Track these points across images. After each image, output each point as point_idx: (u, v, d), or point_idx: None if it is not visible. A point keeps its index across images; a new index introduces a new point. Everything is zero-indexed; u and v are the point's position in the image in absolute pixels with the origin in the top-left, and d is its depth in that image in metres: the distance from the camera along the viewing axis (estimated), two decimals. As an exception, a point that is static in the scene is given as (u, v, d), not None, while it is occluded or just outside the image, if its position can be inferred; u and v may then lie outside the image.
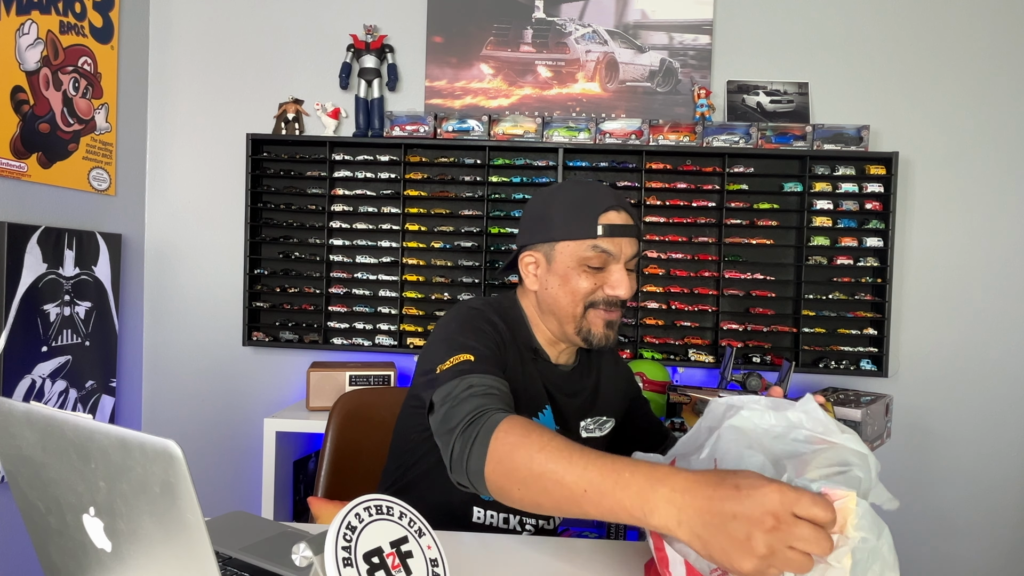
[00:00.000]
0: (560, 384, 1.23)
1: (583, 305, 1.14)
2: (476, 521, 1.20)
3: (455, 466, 0.91)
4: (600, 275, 1.14)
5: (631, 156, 2.49)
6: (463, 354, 1.05)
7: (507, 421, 0.88)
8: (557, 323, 1.18)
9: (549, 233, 1.16)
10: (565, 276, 1.14)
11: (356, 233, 2.54)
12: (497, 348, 1.11)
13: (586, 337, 1.16)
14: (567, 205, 1.15)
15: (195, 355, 2.62)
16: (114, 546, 0.63)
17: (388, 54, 2.53)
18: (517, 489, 0.83)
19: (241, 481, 2.60)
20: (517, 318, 1.22)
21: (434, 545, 0.67)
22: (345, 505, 0.64)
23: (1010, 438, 2.47)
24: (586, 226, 1.12)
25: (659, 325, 2.50)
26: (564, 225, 1.14)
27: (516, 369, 1.15)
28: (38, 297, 2.02)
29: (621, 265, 1.14)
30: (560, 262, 1.15)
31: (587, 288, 1.13)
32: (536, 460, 0.80)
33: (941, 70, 2.49)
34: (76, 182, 2.21)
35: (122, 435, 0.57)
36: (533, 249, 1.19)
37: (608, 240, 1.12)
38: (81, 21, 2.21)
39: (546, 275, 1.17)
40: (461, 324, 1.13)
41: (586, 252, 1.12)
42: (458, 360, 1.04)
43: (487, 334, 1.12)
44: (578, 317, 1.15)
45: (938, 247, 2.49)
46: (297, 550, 0.60)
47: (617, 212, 1.14)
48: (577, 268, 1.13)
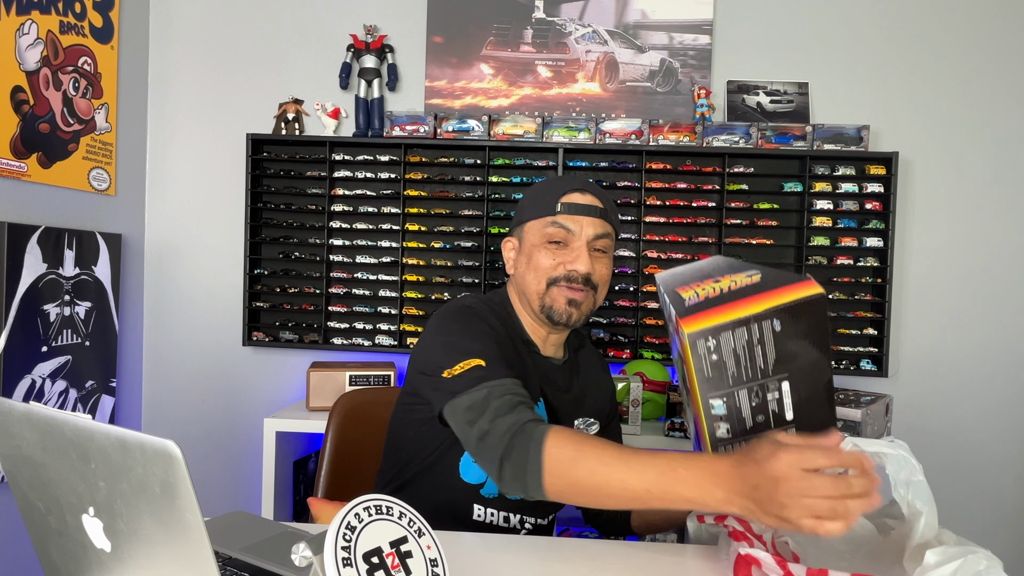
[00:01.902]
0: (551, 378, 1.25)
1: (546, 281, 1.19)
2: (477, 519, 1.21)
3: (509, 487, 0.97)
4: (562, 252, 1.19)
5: (631, 156, 2.49)
6: (473, 359, 1.07)
7: (552, 435, 0.94)
8: (530, 304, 1.23)
9: (520, 217, 1.25)
10: (530, 254, 1.21)
11: (356, 233, 2.54)
12: (499, 346, 1.14)
13: (549, 313, 1.20)
14: (537, 190, 1.24)
15: (195, 355, 2.62)
16: (114, 546, 0.63)
17: (388, 54, 2.53)
18: (581, 497, 0.93)
19: (241, 481, 2.60)
20: (508, 313, 1.26)
21: (434, 545, 0.67)
22: (344, 505, 0.64)
23: (1010, 438, 2.47)
24: (548, 205, 1.19)
25: (659, 325, 2.50)
26: (531, 207, 1.22)
27: (514, 363, 1.17)
28: (38, 297, 2.02)
29: (583, 243, 1.18)
30: (527, 241, 1.23)
31: (548, 264, 1.18)
32: (598, 472, 0.89)
33: (941, 70, 2.49)
34: (76, 182, 2.21)
35: (122, 435, 0.57)
36: (511, 236, 1.28)
37: (567, 217, 1.18)
38: (81, 21, 2.21)
39: (518, 257, 1.25)
40: (463, 326, 1.16)
41: (547, 228, 1.19)
42: (470, 365, 1.06)
43: (487, 334, 1.15)
44: (542, 293, 1.19)
45: (938, 247, 2.49)
46: (297, 550, 0.60)
47: (581, 194, 1.20)
48: (540, 245, 1.19)
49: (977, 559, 0.73)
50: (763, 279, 0.80)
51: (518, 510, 1.23)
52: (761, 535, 0.91)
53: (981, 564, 0.72)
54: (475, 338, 1.12)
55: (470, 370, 1.06)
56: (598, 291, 1.22)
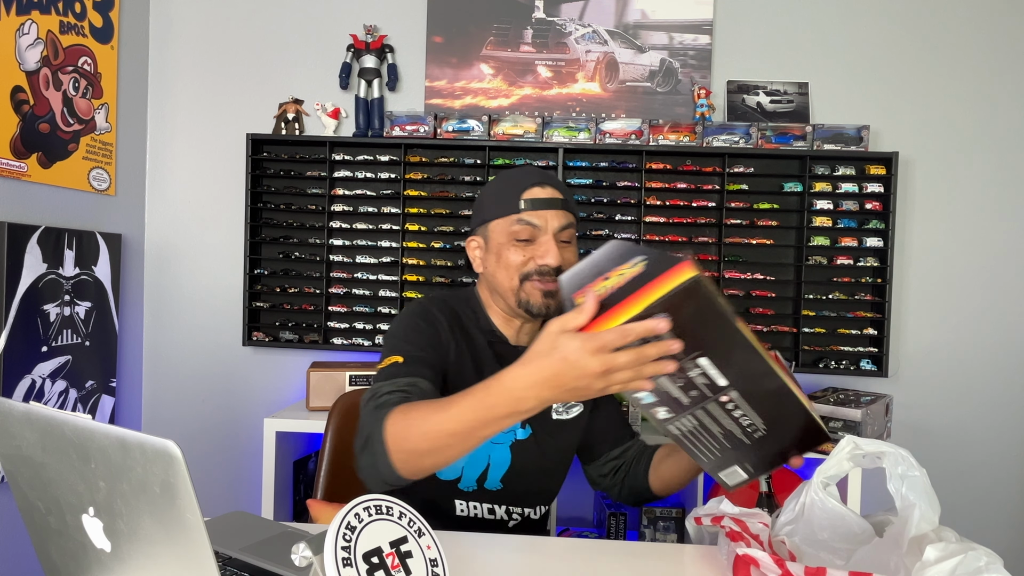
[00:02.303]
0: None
1: (518, 278, 1.20)
2: (460, 514, 1.22)
3: (367, 478, 1.02)
4: (530, 247, 1.20)
5: (631, 156, 2.49)
6: (395, 356, 1.15)
7: (390, 416, 0.98)
8: (503, 300, 1.25)
9: (483, 216, 1.25)
10: (499, 253, 1.22)
11: (356, 233, 2.54)
12: (431, 346, 1.18)
13: (527, 308, 1.22)
14: (496, 187, 1.25)
15: (195, 355, 2.62)
16: (114, 546, 0.63)
17: (388, 54, 2.53)
18: (427, 459, 0.95)
19: (241, 481, 2.60)
20: (474, 307, 1.29)
21: (433, 545, 0.67)
22: (344, 506, 0.64)
23: (1010, 438, 2.47)
24: (511, 203, 1.20)
25: (659, 325, 2.49)
26: (493, 205, 1.23)
27: (466, 357, 1.22)
28: (38, 297, 2.02)
29: (549, 236, 1.20)
30: (494, 240, 1.23)
31: (519, 260, 1.20)
32: (428, 431, 0.93)
33: (941, 70, 2.49)
34: (76, 182, 2.21)
35: (122, 435, 0.57)
36: (475, 235, 1.28)
37: (532, 213, 1.19)
38: (81, 21, 2.21)
39: (486, 256, 1.26)
40: (403, 322, 1.22)
41: (513, 226, 1.20)
42: (389, 363, 1.14)
43: (423, 332, 1.19)
44: (516, 290, 1.21)
45: (938, 247, 2.49)
46: (297, 550, 0.60)
47: (541, 187, 1.21)
48: (508, 243, 1.21)
49: (977, 555, 0.73)
50: (647, 267, 0.76)
51: (500, 501, 1.24)
52: (758, 535, 0.91)
53: (981, 560, 0.72)
54: (407, 337, 1.18)
55: (388, 367, 1.13)
56: None
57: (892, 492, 0.84)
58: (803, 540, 0.90)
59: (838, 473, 0.91)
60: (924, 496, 0.82)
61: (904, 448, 0.86)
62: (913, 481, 0.83)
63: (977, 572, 0.72)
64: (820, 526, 0.89)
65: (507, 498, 1.24)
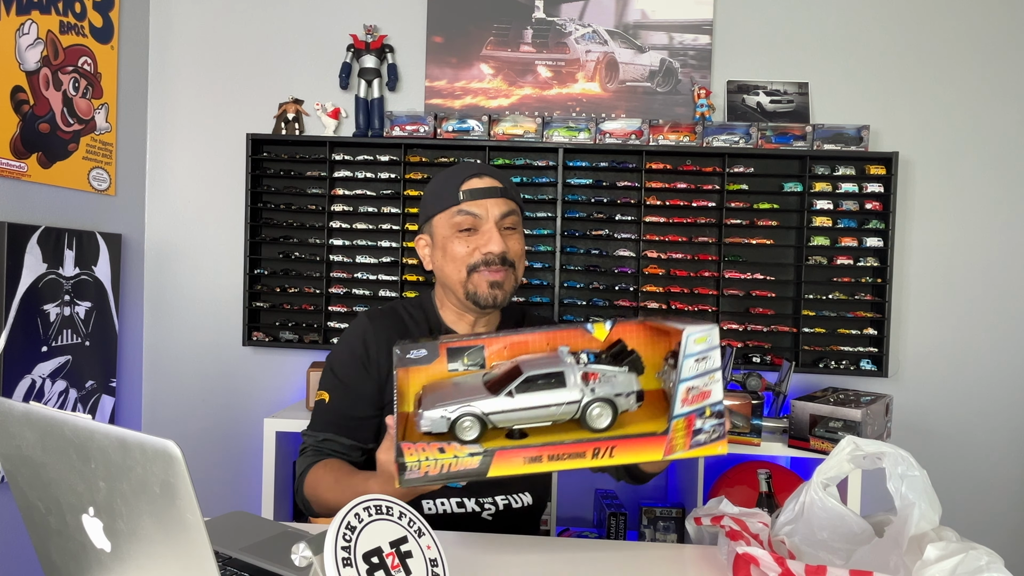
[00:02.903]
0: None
1: (465, 270, 1.22)
2: (429, 512, 1.22)
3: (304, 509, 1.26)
4: (474, 238, 1.22)
5: (631, 156, 2.49)
6: (323, 391, 1.26)
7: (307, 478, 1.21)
8: (453, 294, 1.26)
9: (426, 213, 1.27)
10: (444, 247, 1.24)
11: (356, 233, 2.54)
12: (357, 377, 1.25)
13: (475, 299, 1.23)
14: (436, 183, 1.27)
15: (195, 355, 2.62)
16: (114, 546, 0.63)
17: (388, 54, 2.53)
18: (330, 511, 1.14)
19: (241, 481, 2.60)
20: (426, 308, 1.33)
21: (433, 545, 0.67)
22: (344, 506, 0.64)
23: (1010, 438, 2.47)
24: (450, 195, 1.22)
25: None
26: (435, 201, 1.25)
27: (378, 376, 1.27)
28: (38, 297, 2.02)
29: (491, 224, 1.21)
30: (438, 234, 1.25)
31: (463, 252, 1.22)
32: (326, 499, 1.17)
33: (941, 70, 2.49)
34: (76, 182, 2.21)
35: (122, 435, 0.57)
36: (422, 233, 1.30)
37: (472, 203, 1.21)
38: (81, 21, 2.21)
39: (433, 251, 1.28)
40: (337, 352, 1.29)
41: (454, 218, 1.22)
42: (318, 398, 1.27)
43: (348, 364, 1.26)
44: (463, 281, 1.23)
45: (938, 247, 2.49)
46: (297, 550, 0.60)
47: (479, 178, 1.23)
48: (451, 236, 1.22)
49: (978, 555, 0.73)
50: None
51: (468, 494, 1.23)
52: (758, 534, 0.91)
53: (982, 560, 0.72)
54: (338, 369, 1.26)
55: (316, 404, 1.27)
56: (516, 267, 1.26)
57: (892, 492, 0.84)
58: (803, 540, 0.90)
59: (838, 474, 0.91)
60: (924, 496, 0.82)
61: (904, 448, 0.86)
62: (913, 481, 0.83)
63: (978, 571, 0.72)
64: (820, 526, 0.89)
65: (472, 489, 1.23)
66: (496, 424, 0.88)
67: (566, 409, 0.88)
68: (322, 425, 1.25)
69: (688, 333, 0.83)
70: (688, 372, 0.83)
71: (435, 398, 0.91)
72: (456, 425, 0.87)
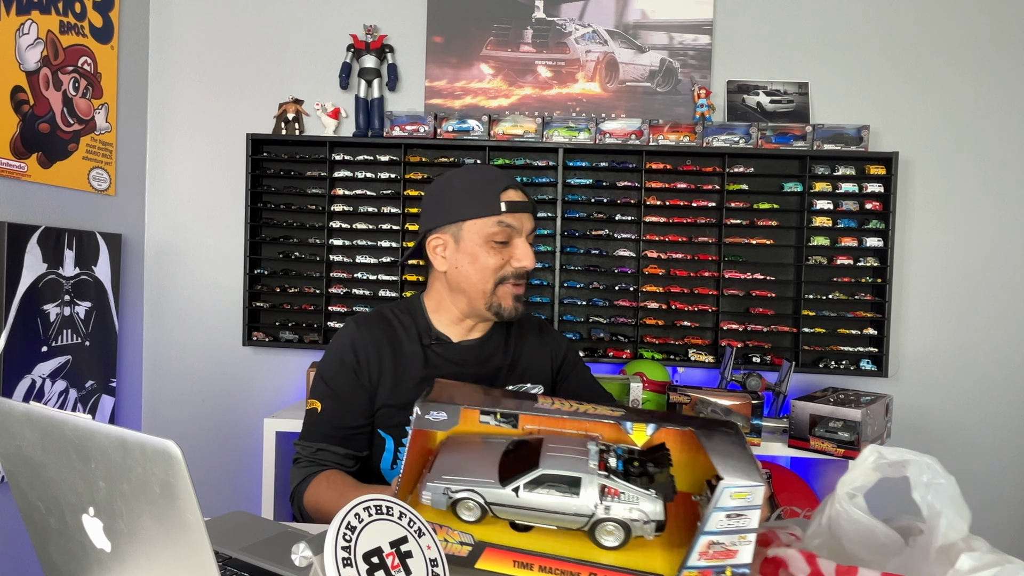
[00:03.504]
0: (464, 358, 1.29)
1: (494, 281, 1.21)
2: None
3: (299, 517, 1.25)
4: (506, 250, 1.21)
5: (631, 156, 2.49)
6: (315, 400, 1.24)
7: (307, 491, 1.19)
8: (467, 301, 1.24)
9: (454, 215, 1.21)
10: (474, 254, 1.21)
11: (356, 233, 2.54)
12: (348, 383, 1.23)
13: (497, 311, 1.23)
14: (468, 187, 1.22)
15: (195, 355, 2.62)
16: (114, 546, 0.63)
17: (388, 54, 2.53)
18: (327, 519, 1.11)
19: (241, 481, 2.60)
20: (415, 314, 1.30)
21: (434, 545, 0.67)
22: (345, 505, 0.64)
23: (1010, 438, 2.47)
24: (490, 204, 1.19)
25: (659, 325, 2.50)
26: (469, 205, 1.20)
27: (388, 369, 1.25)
28: (38, 297, 2.02)
29: (524, 239, 1.22)
30: (468, 240, 1.21)
31: (496, 263, 1.20)
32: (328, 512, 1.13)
33: (941, 70, 2.49)
34: (76, 182, 2.21)
35: (122, 435, 0.57)
36: (439, 232, 1.24)
37: (511, 215, 1.20)
38: (81, 21, 2.21)
39: (455, 255, 1.23)
40: (328, 360, 1.27)
41: (492, 228, 1.19)
42: (310, 407, 1.25)
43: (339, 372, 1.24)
44: (488, 293, 1.22)
45: (938, 247, 2.49)
46: (297, 550, 0.60)
47: (515, 191, 1.22)
48: (485, 245, 1.20)
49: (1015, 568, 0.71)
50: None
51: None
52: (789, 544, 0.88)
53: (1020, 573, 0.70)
54: (329, 377, 1.25)
55: (308, 414, 1.25)
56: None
57: (918, 501, 0.80)
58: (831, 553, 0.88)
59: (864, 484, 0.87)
60: (952, 504, 0.78)
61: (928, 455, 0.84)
62: (939, 489, 0.79)
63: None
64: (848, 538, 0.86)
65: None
66: (497, 515, 0.84)
67: (574, 519, 0.82)
68: (315, 436, 1.24)
69: (725, 485, 0.73)
70: (715, 526, 0.74)
71: (446, 464, 0.87)
72: (457, 504, 0.84)
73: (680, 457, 0.91)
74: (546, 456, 0.85)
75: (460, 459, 0.89)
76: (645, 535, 0.81)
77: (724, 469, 0.75)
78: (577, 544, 0.82)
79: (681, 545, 0.81)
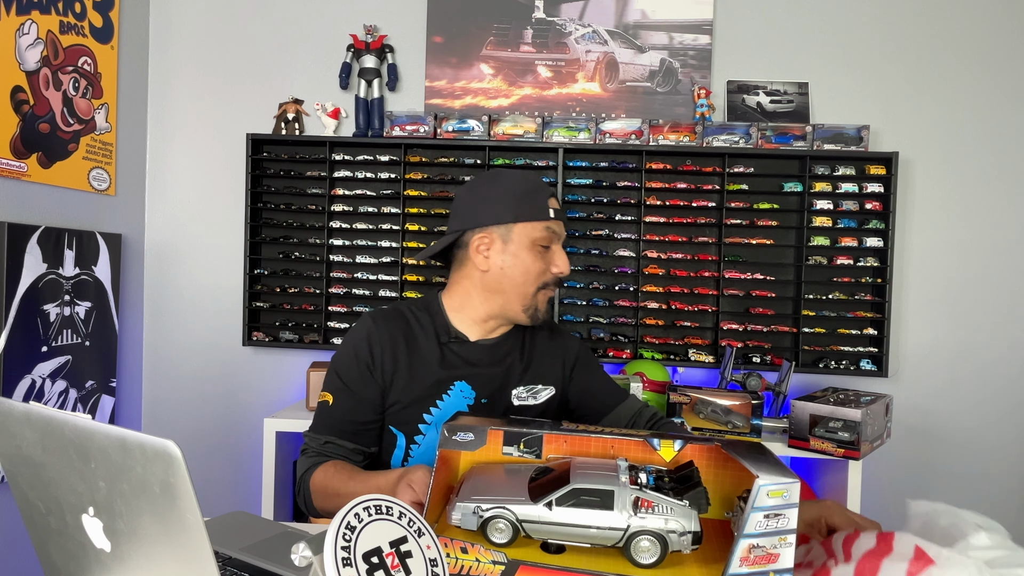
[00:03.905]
0: (479, 358, 1.29)
1: (537, 285, 1.24)
2: None
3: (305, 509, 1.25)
4: (547, 255, 1.25)
5: (631, 156, 2.49)
6: (328, 393, 1.25)
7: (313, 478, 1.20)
8: (503, 301, 1.26)
9: (507, 214, 1.23)
10: (517, 255, 1.23)
11: (356, 233, 2.54)
12: (361, 378, 1.24)
13: (532, 314, 1.26)
14: (519, 191, 1.25)
15: (195, 355, 2.62)
16: (113, 546, 0.63)
17: (388, 54, 2.53)
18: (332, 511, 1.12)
19: (241, 481, 2.60)
20: (432, 311, 1.31)
21: (433, 545, 0.67)
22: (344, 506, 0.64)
23: (1010, 438, 2.47)
24: (539, 208, 1.24)
25: (659, 325, 2.50)
26: (521, 208, 1.23)
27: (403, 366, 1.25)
28: (38, 297, 2.02)
29: (559, 246, 1.27)
30: (517, 242, 1.23)
31: (539, 267, 1.24)
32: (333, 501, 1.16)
33: (941, 70, 2.49)
34: (76, 182, 2.21)
35: (122, 435, 0.57)
36: (486, 231, 1.25)
37: (555, 222, 1.25)
38: (81, 21, 2.21)
39: (501, 255, 1.24)
40: (342, 353, 1.27)
41: (539, 232, 1.23)
42: (321, 399, 1.26)
43: (353, 367, 1.25)
44: (529, 295, 1.25)
45: (938, 247, 2.49)
46: (296, 550, 0.60)
47: (555, 199, 1.28)
48: (531, 248, 1.23)
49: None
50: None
51: None
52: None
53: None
54: (342, 371, 1.25)
55: (319, 406, 1.26)
56: None
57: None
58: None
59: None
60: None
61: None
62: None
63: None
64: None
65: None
66: (530, 534, 0.82)
67: (608, 535, 0.80)
68: (325, 428, 1.25)
69: (761, 484, 0.72)
70: (754, 528, 0.72)
71: (475, 486, 0.86)
72: (488, 525, 0.82)
73: (707, 475, 0.89)
74: (576, 473, 0.84)
75: (488, 481, 0.88)
76: (682, 548, 0.79)
77: (757, 469, 0.74)
78: (612, 562, 0.80)
79: (718, 561, 0.79)
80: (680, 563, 0.81)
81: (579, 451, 0.93)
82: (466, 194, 1.28)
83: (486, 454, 0.95)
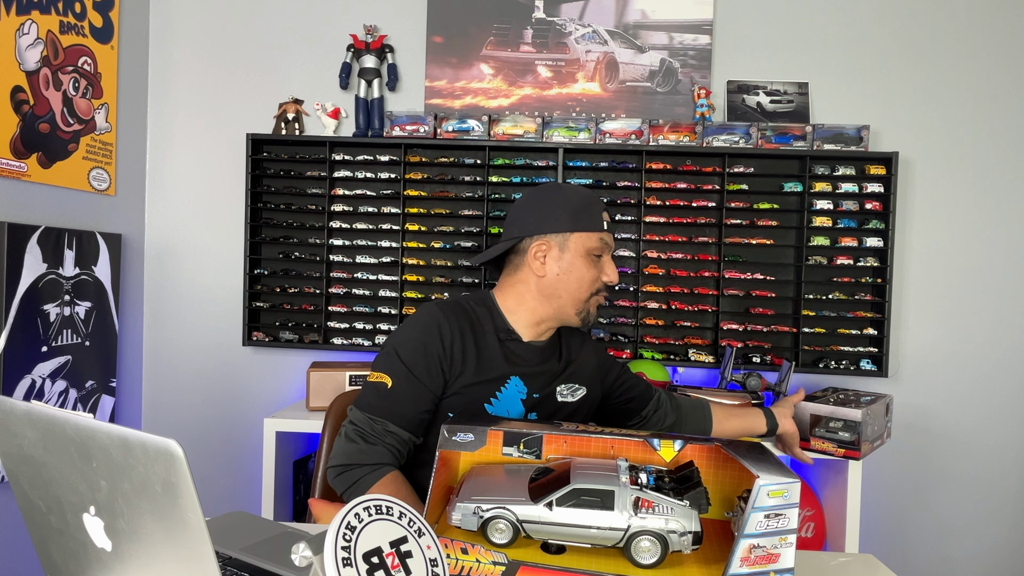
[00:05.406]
0: (531, 357, 1.35)
1: (590, 292, 1.32)
2: None
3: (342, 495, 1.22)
4: (598, 265, 1.33)
5: (631, 156, 2.49)
6: (385, 375, 1.23)
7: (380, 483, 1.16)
8: (558, 306, 1.33)
9: (564, 224, 1.32)
10: (573, 263, 1.31)
11: (356, 233, 2.54)
12: (426, 370, 1.24)
13: (585, 319, 1.34)
14: (577, 203, 1.34)
15: (195, 355, 2.62)
16: (114, 545, 0.63)
17: (388, 54, 2.54)
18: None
19: (241, 481, 2.60)
20: (490, 307, 1.36)
21: (433, 545, 0.67)
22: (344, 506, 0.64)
23: (1010, 438, 2.47)
24: (595, 220, 1.33)
25: (659, 325, 2.50)
26: (577, 218, 1.32)
27: (472, 356, 1.27)
28: (38, 297, 2.02)
29: (608, 256, 1.35)
30: (573, 250, 1.32)
31: (593, 276, 1.32)
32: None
33: (941, 70, 2.49)
34: (76, 182, 2.21)
35: (123, 434, 0.57)
36: (544, 238, 1.32)
37: (607, 234, 1.35)
38: (81, 21, 2.21)
39: (556, 262, 1.32)
40: (409, 337, 1.27)
41: (594, 243, 1.32)
42: (377, 379, 1.24)
43: (420, 355, 1.24)
44: (582, 301, 1.32)
45: (938, 247, 2.49)
46: (297, 550, 0.60)
47: (607, 212, 1.38)
48: (586, 257, 1.31)
49: None
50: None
51: None
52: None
53: None
54: (407, 356, 1.24)
55: (373, 385, 1.23)
56: None
57: None
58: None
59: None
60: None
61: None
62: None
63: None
64: None
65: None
66: (530, 534, 0.82)
67: (608, 535, 0.80)
68: (383, 412, 1.22)
69: (761, 484, 0.73)
70: (754, 527, 0.73)
71: (475, 487, 0.86)
72: (488, 525, 0.82)
73: (707, 475, 0.90)
74: (576, 474, 0.84)
75: (489, 482, 0.88)
76: (683, 548, 0.80)
77: (758, 469, 0.75)
78: (613, 562, 0.80)
79: (718, 562, 0.80)
80: (680, 563, 0.81)
81: (579, 451, 0.94)
82: (526, 203, 1.36)
83: (486, 454, 0.95)
